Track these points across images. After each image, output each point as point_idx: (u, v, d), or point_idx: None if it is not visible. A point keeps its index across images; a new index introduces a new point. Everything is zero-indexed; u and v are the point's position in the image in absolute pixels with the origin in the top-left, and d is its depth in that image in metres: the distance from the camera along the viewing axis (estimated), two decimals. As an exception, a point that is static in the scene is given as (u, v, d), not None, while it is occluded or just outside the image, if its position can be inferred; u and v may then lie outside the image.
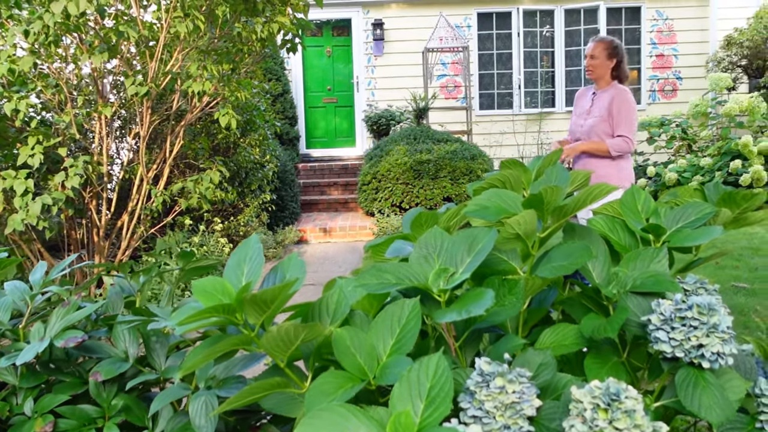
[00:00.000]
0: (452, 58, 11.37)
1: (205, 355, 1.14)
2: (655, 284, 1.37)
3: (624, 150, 3.64)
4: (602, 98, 3.76)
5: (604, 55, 3.77)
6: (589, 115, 3.79)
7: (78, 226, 4.85)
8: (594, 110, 3.77)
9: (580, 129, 3.83)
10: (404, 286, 1.33)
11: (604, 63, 3.76)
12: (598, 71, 3.77)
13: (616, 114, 3.65)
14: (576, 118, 3.92)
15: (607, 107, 3.69)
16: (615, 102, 3.66)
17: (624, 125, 3.64)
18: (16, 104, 3.69)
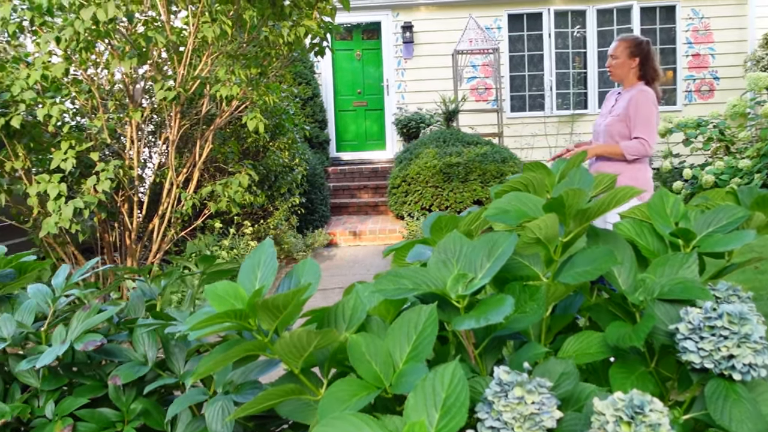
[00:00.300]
0: (482, 60, 11.30)
1: (216, 361, 1.12)
2: (683, 291, 1.32)
3: (640, 153, 3.47)
4: (624, 98, 3.63)
5: (625, 54, 3.63)
6: (610, 114, 3.67)
7: (111, 229, 4.92)
8: (615, 110, 3.65)
9: (598, 129, 3.73)
10: (421, 291, 1.30)
11: (624, 62, 3.62)
12: (618, 71, 3.65)
13: (633, 114, 3.50)
14: (599, 118, 3.80)
15: (625, 107, 3.55)
16: (634, 102, 3.52)
17: (641, 126, 3.48)
18: (49, 110, 3.75)
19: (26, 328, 1.60)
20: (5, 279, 1.93)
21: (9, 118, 3.73)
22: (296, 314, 1.31)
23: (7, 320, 1.59)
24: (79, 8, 3.43)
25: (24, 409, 1.48)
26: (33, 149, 4.16)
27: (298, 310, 1.24)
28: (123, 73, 4.21)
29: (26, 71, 3.75)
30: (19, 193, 4.10)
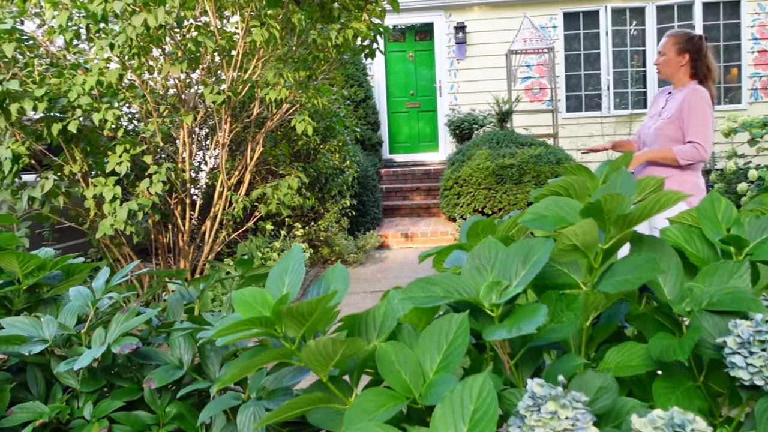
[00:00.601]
0: (537, 59, 11.11)
1: (242, 368, 1.11)
2: (733, 302, 1.24)
3: (695, 158, 3.25)
4: (676, 99, 3.40)
5: (674, 50, 3.39)
6: (660, 116, 3.44)
7: (165, 231, 5.02)
8: (665, 111, 3.42)
9: (646, 132, 3.48)
10: (453, 299, 1.26)
11: (673, 59, 3.39)
12: (666, 69, 3.42)
13: (686, 117, 3.27)
14: (647, 120, 3.56)
15: (677, 108, 3.31)
16: (686, 103, 3.28)
17: (695, 130, 3.24)
18: (104, 114, 3.85)
19: (68, 330, 1.63)
20: (52, 281, 1.98)
21: (66, 123, 3.85)
22: (325, 321, 1.29)
23: (49, 322, 1.62)
24: (131, 15, 3.52)
25: (63, 410, 1.50)
26: (90, 153, 4.28)
27: (327, 317, 1.22)
28: (175, 77, 4.29)
29: (83, 77, 3.87)
30: (77, 196, 4.23)
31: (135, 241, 4.19)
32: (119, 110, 3.93)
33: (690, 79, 3.43)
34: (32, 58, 4.13)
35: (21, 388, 1.62)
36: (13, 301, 1.89)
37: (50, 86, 3.91)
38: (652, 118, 3.52)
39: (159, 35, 3.66)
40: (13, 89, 3.61)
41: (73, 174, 4.27)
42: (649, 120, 3.54)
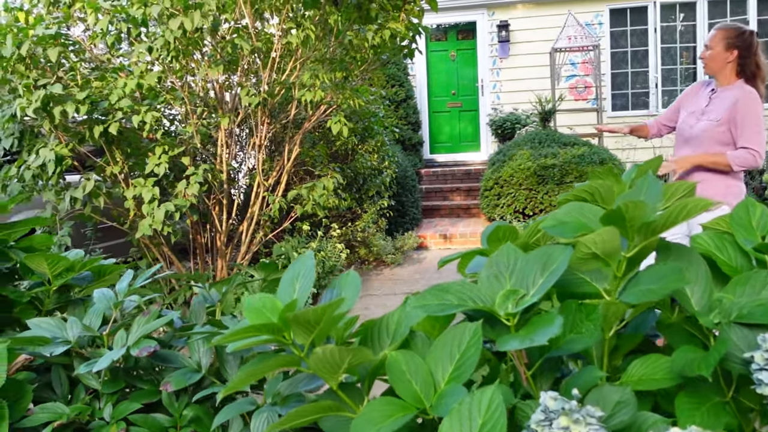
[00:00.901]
0: (582, 57, 10.91)
1: (249, 374, 1.10)
2: (765, 314, 1.18)
3: (750, 165, 3.10)
4: (723, 98, 3.20)
5: (722, 45, 3.20)
6: (704, 115, 3.24)
7: (203, 231, 5.09)
8: (711, 111, 3.22)
9: (688, 130, 3.29)
10: (467, 308, 1.23)
11: (720, 55, 3.20)
12: (712, 64, 3.23)
13: (740, 121, 3.09)
14: (687, 116, 3.34)
15: (728, 110, 3.13)
16: (740, 106, 3.10)
17: (750, 135, 3.08)
18: (143, 116, 3.92)
19: (92, 332, 1.65)
20: (82, 282, 2.01)
21: (107, 125, 3.93)
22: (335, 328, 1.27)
23: (73, 323, 1.64)
24: (168, 19, 3.58)
25: (84, 411, 1.52)
26: (131, 154, 4.37)
27: (335, 324, 1.20)
28: (213, 79, 4.34)
29: (123, 81, 3.94)
30: (118, 196, 4.31)
31: (173, 241, 4.25)
32: (158, 112, 3.99)
33: (736, 77, 3.25)
34: (76, 62, 4.24)
35: (46, 388, 1.65)
36: (43, 301, 1.92)
37: (93, 89, 4.00)
38: (692, 115, 3.32)
39: (196, 38, 3.71)
40: (56, 93, 3.70)
41: (114, 175, 4.36)
42: (689, 116, 3.34)
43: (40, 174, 4.14)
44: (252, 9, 4.15)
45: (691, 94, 3.46)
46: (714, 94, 3.30)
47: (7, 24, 3.75)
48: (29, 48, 3.69)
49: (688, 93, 3.49)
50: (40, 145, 4.09)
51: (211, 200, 4.85)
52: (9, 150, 4.27)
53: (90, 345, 1.71)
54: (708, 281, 1.28)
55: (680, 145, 3.38)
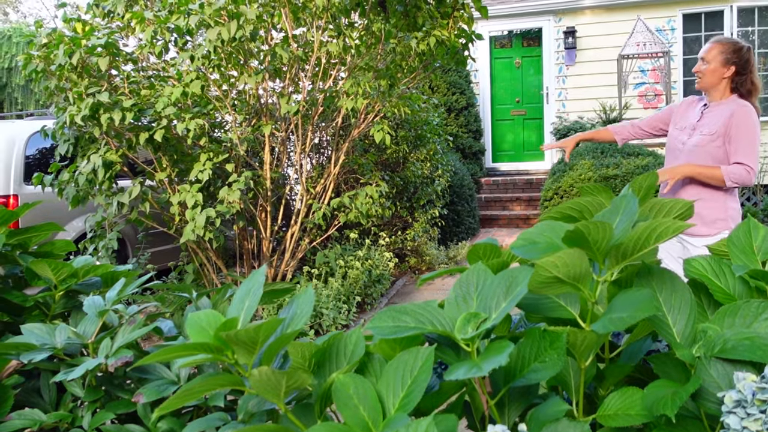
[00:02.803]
0: (652, 64, 10.49)
1: (186, 394, 1.07)
2: (749, 350, 1.07)
3: (744, 181, 2.89)
4: (716, 113, 3.03)
5: (719, 60, 3.01)
6: (695, 130, 3.06)
7: (250, 237, 5.15)
8: (703, 126, 3.04)
9: (679, 146, 3.10)
10: (424, 331, 1.16)
11: (716, 70, 3.02)
12: (707, 79, 3.05)
13: (734, 135, 2.92)
14: (677, 132, 3.14)
15: (723, 125, 2.95)
16: (735, 120, 2.92)
17: (745, 150, 2.90)
18: (187, 124, 4.00)
19: (82, 339, 1.67)
20: (90, 287, 2.04)
21: (153, 132, 4.04)
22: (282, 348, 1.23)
23: (62, 330, 1.66)
24: (207, 28, 3.64)
25: (64, 418, 1.53)
26: (177, 161, 4.46)
27: (285, 343, 1.16)
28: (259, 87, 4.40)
29: (169, 89, 4.04)
30: (162, 202, 4.42)
31: (214, 246, 4.31)
32: (202, 120, 4.07)
33: (730, 93, 3.06)
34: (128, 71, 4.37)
35: (36, 393, 1.67)
36: (50, 306, 1.96)
37: (140, 97, 4.11)
38: (682, 131, 3.13)
39: (236, 47, 3.76)
40: (104, 101, 3.83)
41: (162, 181, 4.47)
42: (680, 132, 3.14)
43: (93, 179, 4.29)
44: (293, 18, 4.18)
45: (681, 109, 3.27)
46: (706, 109, 3.11)
47: (60, 34, 3.91)
48: (80, 57, 3.84)
49: (681, 109, 3.28)
50: (92, 150, 4.24)
51: (258, 207, 4.91)
52: (65, 155, 4.45)
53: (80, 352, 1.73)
54: (692, 310, 1.17)
55: (671, 162, 3.16)
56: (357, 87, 4.18)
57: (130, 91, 4.16)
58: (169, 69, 4.74)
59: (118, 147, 4.30)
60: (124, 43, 4.61)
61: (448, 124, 9.46)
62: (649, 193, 1.39)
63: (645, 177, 1.39)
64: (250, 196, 4.75)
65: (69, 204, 4.45)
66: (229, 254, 5.51)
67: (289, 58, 3.97)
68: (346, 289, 5.03)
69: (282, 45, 3.93)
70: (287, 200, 5.31)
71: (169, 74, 4.64)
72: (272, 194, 4.81)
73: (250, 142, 4.63)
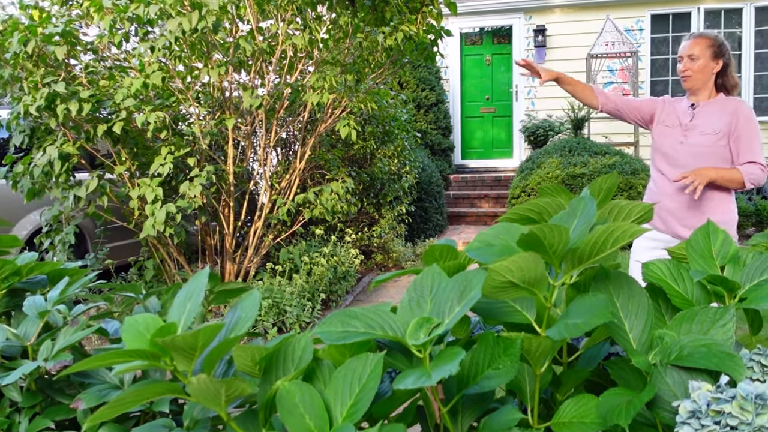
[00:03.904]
0: (620, 64, 10.59)
1: (119, 402, 1.01)
2: (705, 357, 1.04)
3: (760, 181, 2.77)
4: (712, 112, 2.86)
5: (708, 54, 2.83)
6: (690, 131, 2.87)
7: (213, 233, 5.06)
8: (699, 126, 2.85)
9: (676, 146, 2.90)
10: (375, 336, 1.12)
11: (707, 66, 2.83)
12: (699, 77, 2.85)
13: (744, 134, 2.78)
14: (669, 131, 2.95)
15: (726, 124, 2.80)
16: (742, 119, 2.78)
17: (757, 149, 2.78)
18: (147, 116, 3.89)
19: (21, 341, 1.59)
20: (35, 286, 1.95)
21: (111, 125, 3.92)
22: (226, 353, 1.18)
23: (0, 331, 1.58)
24: (167, 18, 3.54)
25: (2, 423, 1.46)
26: (138, 154, 4.35)
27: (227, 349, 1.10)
28: (218, 80, 4.30)
29: (129, 80, 3.93)
30: (122, 196, 4.30)
31: (175, 242, 4.21)
32: (164, 112, 3.96)
33: (717, 91, 2.92)
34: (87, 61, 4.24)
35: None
36: (-9, 305, 1.87)
37: (99, 88, 3.99)
38: (673, 130, 2.95)
39: (196, 39, 3.67)
40: (60, 91, 3.70)
41: (122, 175, 4.35)
42: (672, 131, 2.95)
43: (50, 171, 4.16)
44: (258, 10, 4.09)
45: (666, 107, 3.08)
46: (696, 108, 2.93)
47: (15, 21, 3.77)
48: (35, 45, 3.70)
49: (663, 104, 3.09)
50: (48, 142, 4.10)
51: (221, 202, 4.81)
52: (21, 146, 4.31)
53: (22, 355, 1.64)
54: (650, 315, 1.14)
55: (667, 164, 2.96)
56: (323, 81, 4.11)
57: (89, 82, 4.03)
58: (132, 60, 4.62)
59: (76, 139, 4.18)
60: (84, 32, 4.47)
61: (417, 120, 9.42)
62: (609, 195, 1.36)
63: (605, 179, 1.36)
64: (213, 191, 4.66)
65: (24, 197, 4.30)
66: (191, 250, 5.40)
67: (254, 51, 3.88)
68: (311, 286, 4.96)
69: (247, 37, 3.84)
70: (252, 196, 5.22)
71: (131, 65, 4.51)
72: (235, 189, 4.72)
73: (213, 136, 4.53)
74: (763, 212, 8.04)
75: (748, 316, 1.25)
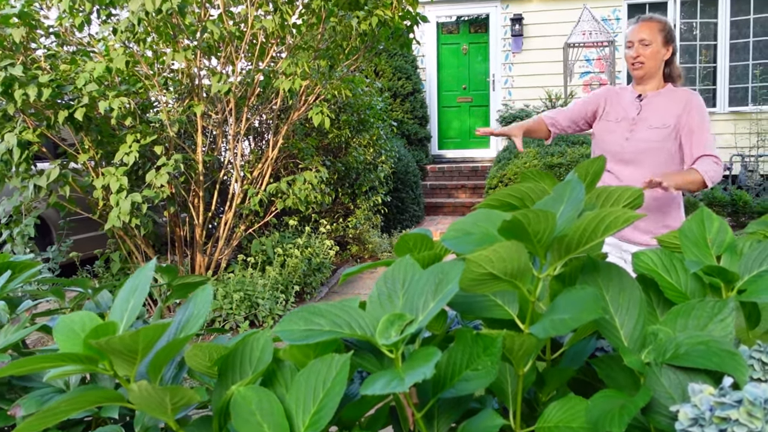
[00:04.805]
0: (597, 53, 10.56)
1: (43, 418, 0.88)
2: (703, 355, 0.94)
3: (718, 177, 2.50)
4: (660, 104, 2.62)
5: (660, 39, 2.57)
6: (637, 124, 2.62)
7: (183, 224, 4.90)
8: (647, 119, 2.61)
9: (623, 143, 2.64)
10: (341, 335, 1.00)
11: (658, 52, 2.58)
12: (651, 63, 2.58)
13: (697, 126, 2.55)
14: (614, 126, 2.68)
15: (676, 116, 2.57)
16: (694, 111, 2.55)
17: (709, 142, 2.54)
18: (111, 102, 3.73)
19: (-44, 340, 1.45)
20: (-22, 280, 1.81)
21: (73, 111, 3.75)
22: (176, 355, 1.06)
23: (-67, 330, 1.44)
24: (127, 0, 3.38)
25: (-68, 433, 1.32)
26: (103, 142, 4.18)
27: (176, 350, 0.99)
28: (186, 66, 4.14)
29: (92, 64, 3.75)
30: (85, 186, 4.13)
31: (142, 233, 4.06)
32: (127, 99, 3.79)
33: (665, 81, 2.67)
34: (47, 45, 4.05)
35: None
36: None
37: (59, 73, 3.81)
38: (619, 124, 2.67)
39: (161, 20, 3.51)
40: (17, 75, 3.52)
41: (86, 163, 4.18)
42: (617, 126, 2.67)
43: (9, 160, 3.97)
44: (226, -9, 3.94)
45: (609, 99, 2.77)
46: (643, 100, 2.66)
47: (-33, 2, 3.59)
48: (-10, 27, 3.52)
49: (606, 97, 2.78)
50: (7, 129, 3.92)
51: (191, 192, 4.66)
52: (-23, 134, 4.11)
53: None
54: (642, 311, 1.05)
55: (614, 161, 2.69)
56: (295, 67, 3.97)
57: (51, 66, 3.85)
58: (97, 45, 4.43)
59: (37, 126, 3.99)
60: (45, 15, 4.27)
61: (394, 109, 9.30)
62: (595, 179, 1.26)
63: (591, 162, 1.26)
64: (182, 180, 4.50)
65: (-20, 187, 4.11)
66: (160, 241, 5.23)
67: (222, 35, 3.72)
68: (285, 278, 4.84)
69: (215, 21, 3.69)
70: (224, 186, 5.07)
71: (95, 50, 4.33)
72: (205, 179, 4.57)
73: (182, 124, 4.37)
74: (738, 202, 8.07)
75: (744, 310, 1.16)
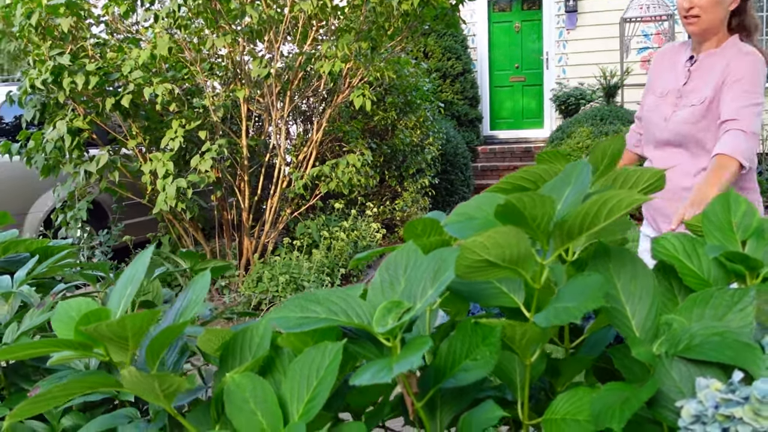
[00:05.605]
0: (656, 28, 10.15)
1: (38, 401, 0.90)
2: (717, 348, 0.89)
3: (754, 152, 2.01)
4: (708, 68, 2.15)
5: None
6: (682, 98, 2.18)
7: (230, 208, 4.98)
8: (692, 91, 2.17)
9: (662, 124, 2.21)
10: (338, 322, 0.99)
11: (717, 5, 2.07)
12: (708, 17, 2.08)
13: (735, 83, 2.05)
14: (657, 100, 2.26)
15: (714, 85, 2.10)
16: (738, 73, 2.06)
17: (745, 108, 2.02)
18: (155, 89, 3.79)
19: (-13, 323, 1.50)
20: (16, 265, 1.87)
21: (119, 98, 3.83)
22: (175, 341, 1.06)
23: (-35, 313, 1.49)
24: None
25: (-37, 411, 1.37)
26: (150, 128, 4.27)
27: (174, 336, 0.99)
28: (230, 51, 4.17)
29: (137, 51, 3.82)
30: (133, 171, 4.23)
31: (189, 217, 4.14)
32: (171, 85, 3.85)
33: (729, 34, 2.16)
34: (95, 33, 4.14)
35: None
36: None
37: (106, 60, 3.90)
38: (666, 99, 2.23)
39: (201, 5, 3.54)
40: (65, 64, 3.62)
41: (135, 149, 4.28)
42: (661, 101, 2.24)
43: (62, 146, 4.10)
44: (266, -25, 3.94)
45: (660, 69, 2.33)
46: (694, 63, 2.21)
47: (19, -7, 3.70)
48: (39, 18, 3.62)
49: (658, 66, 2.35)
50: (59, 117, 4.04)
51: (237, 176, 4.72)
52: (32, 121, 4.25)
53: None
54: (655, 299, 0.99)
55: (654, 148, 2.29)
56: (335, 50, 3.95)
57: (99, 54, 3.94)
58: (146, 33, 4.52)
59: (87, 113, 4.10)
60: (93, 4, 4.37)
61: (443, 90, 9.19)
62: (614, 160, 1.19)
63: (611, 141, 1.20)
64: (228, 164, 4.56)
65: (39, 173, 4.26)
66: (209, 225, 5.33)
67: (260, 19, 3.73)
68: (331, 261, 4.86)
69: (253, 4, 3.70)
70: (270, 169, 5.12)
71: (144, 38, 4.41)
72: (251, 163, 4.62)
73: (227, 109, 4.42)
74: None
75: (772, 298, 1.08)
